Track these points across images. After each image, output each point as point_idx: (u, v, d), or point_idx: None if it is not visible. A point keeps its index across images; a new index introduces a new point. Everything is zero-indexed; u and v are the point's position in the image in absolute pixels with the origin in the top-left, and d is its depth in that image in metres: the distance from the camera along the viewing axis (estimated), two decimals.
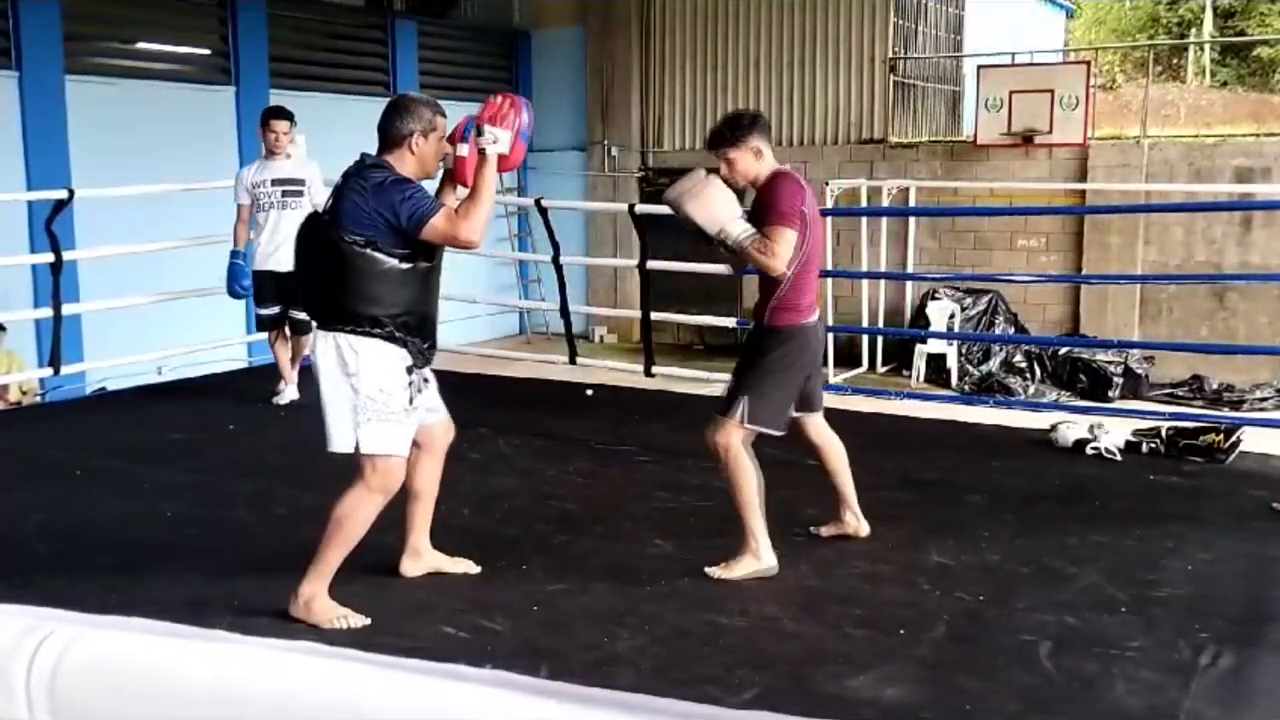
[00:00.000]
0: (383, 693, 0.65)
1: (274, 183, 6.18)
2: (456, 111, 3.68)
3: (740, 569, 3.77)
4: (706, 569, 3.77)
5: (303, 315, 6.40)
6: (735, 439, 3.83)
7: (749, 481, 3.83)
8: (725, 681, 3.03)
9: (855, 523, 4.21)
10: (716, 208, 3.73)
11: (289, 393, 6.38)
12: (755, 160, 3.81)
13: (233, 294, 6.52)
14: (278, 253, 6.22)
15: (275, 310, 6.36)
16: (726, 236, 3.73)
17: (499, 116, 3.39)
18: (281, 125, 6.18)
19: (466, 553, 3.84)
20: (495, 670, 0.66)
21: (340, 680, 0.66)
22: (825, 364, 11.36)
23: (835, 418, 6.45)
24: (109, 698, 0.67)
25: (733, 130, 3.82)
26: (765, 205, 3.76)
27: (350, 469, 3.45)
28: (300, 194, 6.19)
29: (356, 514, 3.37)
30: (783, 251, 3.72)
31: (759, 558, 3.79)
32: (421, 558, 3.75)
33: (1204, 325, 11.20)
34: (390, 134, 3.39)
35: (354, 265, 3.28)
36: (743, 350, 4.04)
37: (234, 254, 6.39)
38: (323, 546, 3.37)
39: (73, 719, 0.68)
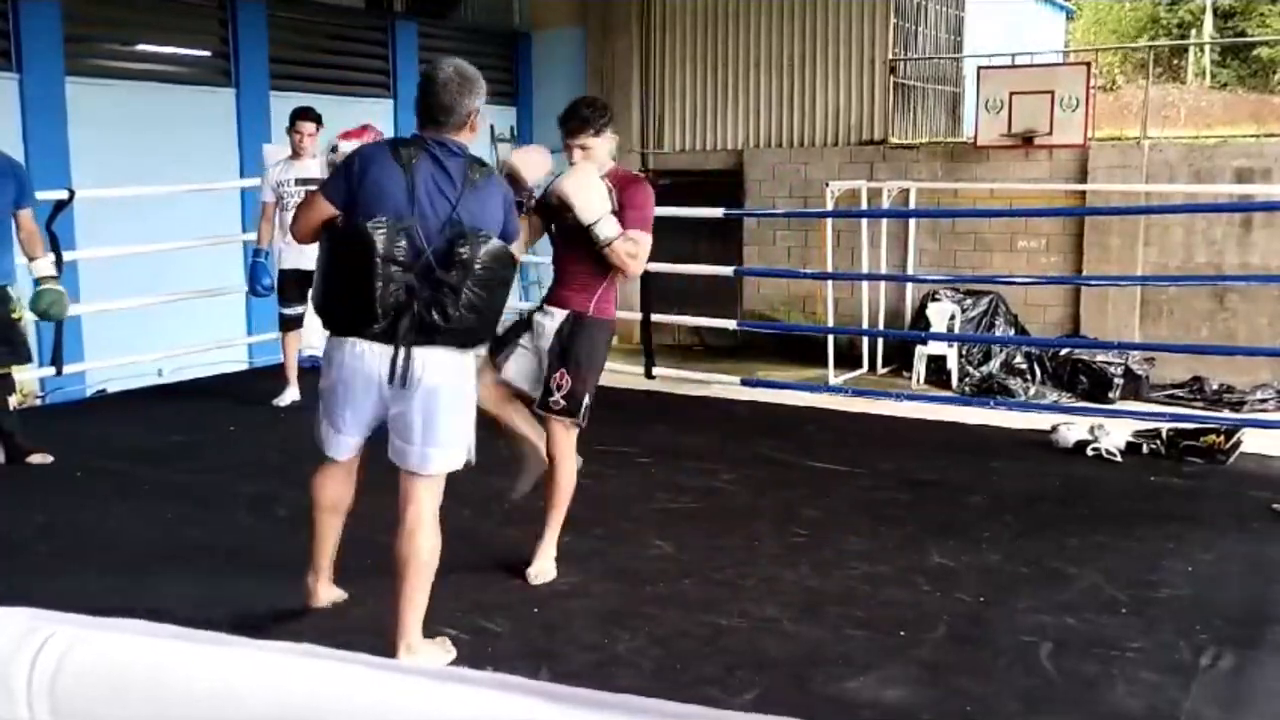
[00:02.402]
0: (382, 695, 0.65)
1: (298, 182, 6.15)
2: None
3: (552, 570, 3.77)
4: (528, 572, 3.72)
5: None
6: (573, 441, 3.78)
7: (573, 484, 3.81)
8: (725, 683, 3.03)
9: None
10: (596, 197, 3.54)
11: (291, 393, 6.37)
12: (607, 153, 3.68)
13: (254, 293, 6.51)
14: (303, 252, 6.14)
15: (300, 310, 6.28)
16: (600, 232, 3.53)
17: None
18: (308, 126, 6.17)
19: (466, 554, 3.83)
20: (495, 672, 0.66)
21: (340, 682, 0.67)
22: (826, 365, 11.39)
23: (837, 419, 6.48)
24: (110, 699, 0.67)
25: (599, 117, 3.64)
26: (631, 207, 3.60)
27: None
28: None
29: (437, 543, 3.14)
30: (645, 256, 3.65)
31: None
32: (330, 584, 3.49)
33: (1204, 326, 11.20)
34: (461, 111, 3.02)
35: None
36: (570, 345, 3.71)
37: (256, 252, 6.37)
38: (414, 596, 3.08)
39: None
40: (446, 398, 3.03)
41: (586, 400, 3.71)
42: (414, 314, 2.92)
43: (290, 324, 6.41)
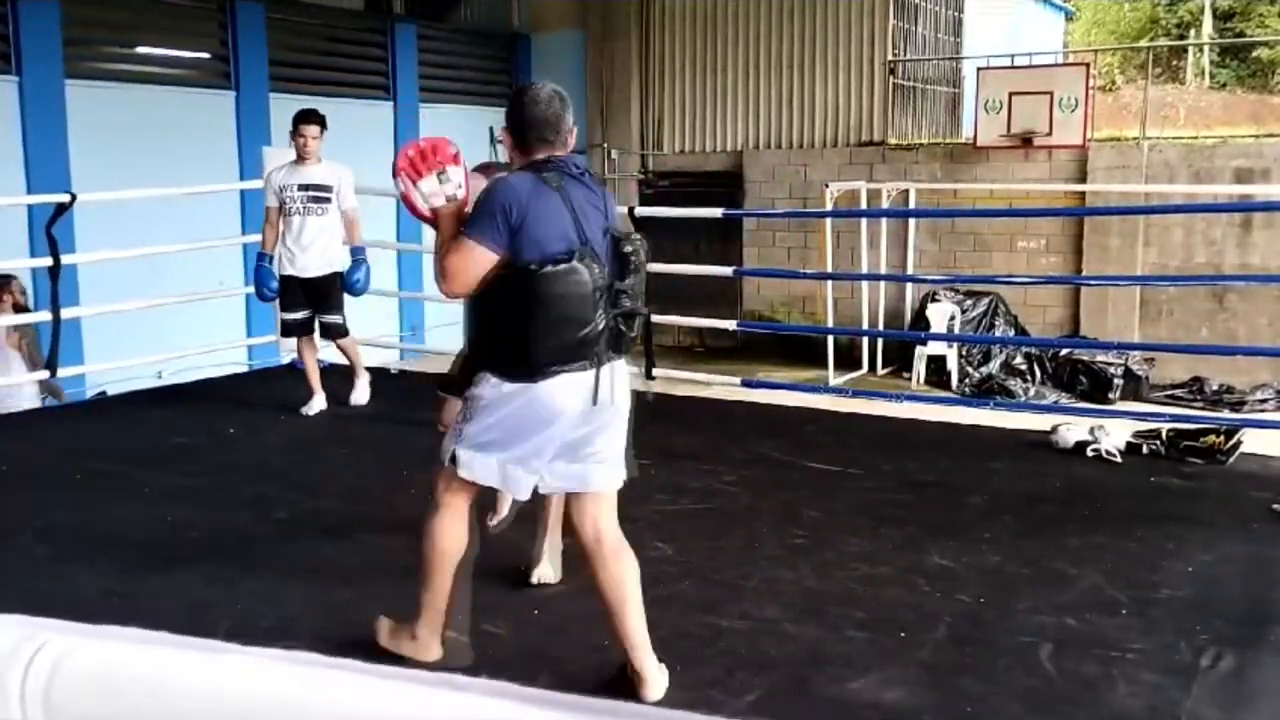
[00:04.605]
0: (381, 703, 0.64)
1: (300, 187, 6.04)
2: (458, 117, 3.63)
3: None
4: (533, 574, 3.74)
5: (334, 319, 6.24)
6: None
7: None
8: (726, 684, 3.02)
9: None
10: None
11: (318, 403, 6.21)
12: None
13: (261, 297, 6.36)
14: (305, 257, 6.07)
15: (302, 315, 6.19)
16: None
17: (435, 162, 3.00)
18: (311, 130, 6.03)
19: (467, 557, 3.82)
20: (492, 680, 0.66)
21: (338, 689, 0.66)
22: (825, 365, 11.38)
23: (837, 420, 6.48)
24: (105, 708, 0.67)
25: None
26: None
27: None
28: (327, 200, 6.05)
29: None
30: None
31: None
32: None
33: (1204, 326, 11.20)
34: (565, 128, 2.99)
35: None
36: None
37: (260, 256, 6.21)
38: (641, 611, 3.03)
39: None
40: (628, 411, 3.06)
41: None
42: (611, 331, 2.92)
43: (292, 329, 6.26)
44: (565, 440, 2.97)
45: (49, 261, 6.22)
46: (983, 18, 16.03)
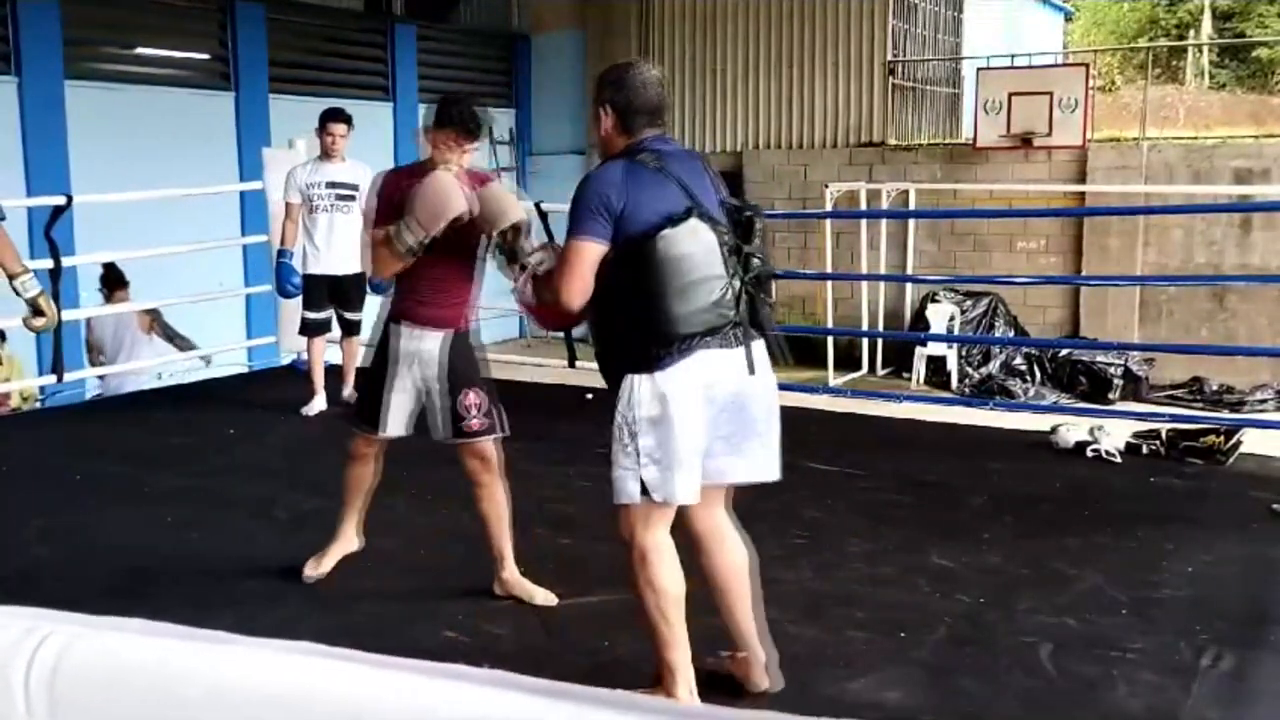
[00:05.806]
0: (382, 692, 0.65)
1: (328, 185, 6.04)
2: None
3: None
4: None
5: (355, 316, 6.25)
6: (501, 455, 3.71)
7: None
8: (726, 685, 3.03)
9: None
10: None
11: (318, 403, 6.21)
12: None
13: (283, 293, 6.34)
14: (331, 256, 6.07)
15: (326, 314, 6.19)
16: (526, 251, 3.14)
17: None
18: (339, 128, 6.03)
19: (467, 556, 3.83)
20: (495, 670, 0.66)
21: (340, 680, 0.66)
22: (825, 366, 11.38)
23: (837, 420, 6.48)
24: (109, 698, 0.67)
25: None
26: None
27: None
28: (353, 198, 6.04)
29: None
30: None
31: None
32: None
33: (1204, 327, 11.20)
34: (668, 109, 2.91)
35: None
36: (462, 364, 3.54)
37: (281, 253, 6.19)
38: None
39: None
40: (776, 396, 2.86)
41: (499, 407, 3.56)
42: (749, 297, 2.75)
43: (314, 328, 6.23)
44: (724, 428, 2.78)
45: (50, 264, 6.22)
46: (982, 18, 16.03)
